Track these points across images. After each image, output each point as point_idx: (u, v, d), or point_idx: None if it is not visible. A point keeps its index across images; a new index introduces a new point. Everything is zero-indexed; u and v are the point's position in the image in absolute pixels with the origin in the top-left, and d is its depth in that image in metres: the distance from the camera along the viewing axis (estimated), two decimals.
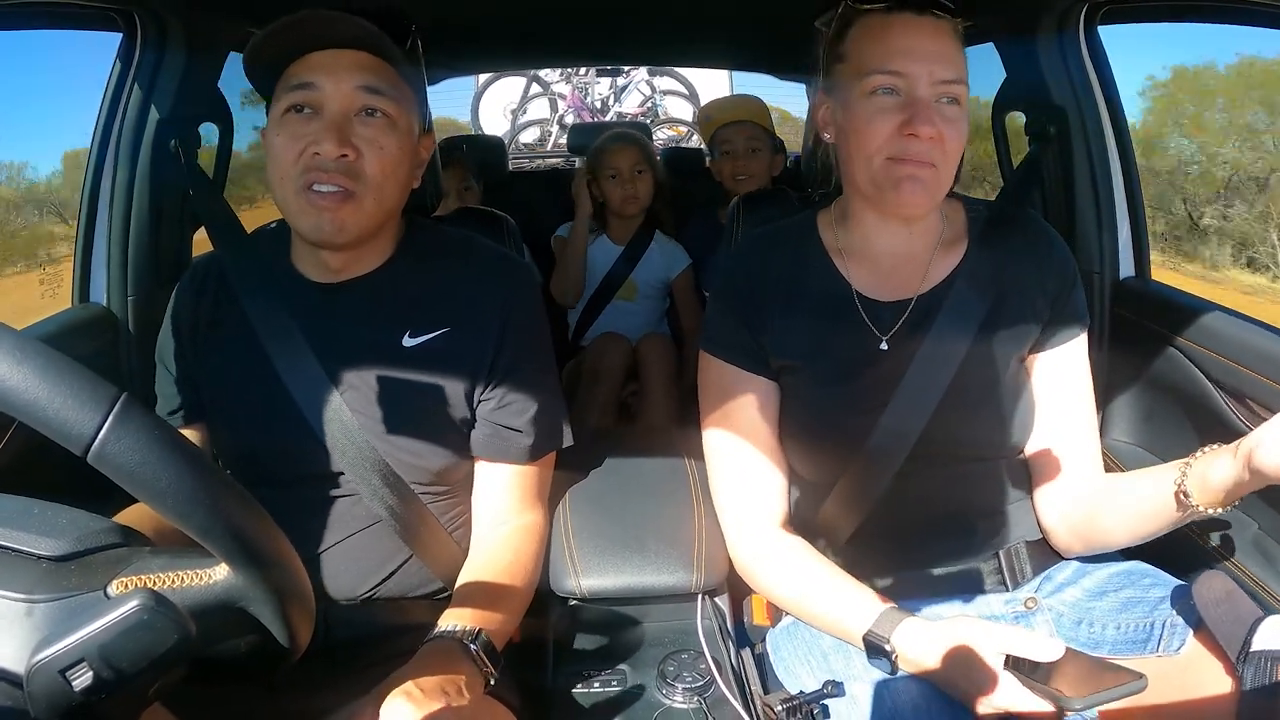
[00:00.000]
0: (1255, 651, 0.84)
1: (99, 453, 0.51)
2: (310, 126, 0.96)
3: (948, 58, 0.98)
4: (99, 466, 0.51)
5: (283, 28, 0.94)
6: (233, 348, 1.06)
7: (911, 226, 1.07)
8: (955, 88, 0.98)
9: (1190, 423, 1.36)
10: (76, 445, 0.50)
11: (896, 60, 0.97)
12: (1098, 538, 1.05)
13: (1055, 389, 1.08)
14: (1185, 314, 1.36)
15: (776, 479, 1.09)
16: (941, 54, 0.98)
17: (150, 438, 0.52)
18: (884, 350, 1.05)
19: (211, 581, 0.60)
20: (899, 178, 0.98)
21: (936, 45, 0.99)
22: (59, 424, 0.50)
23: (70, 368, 0.51)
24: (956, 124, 0.98)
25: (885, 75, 0.98)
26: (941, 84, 0.97)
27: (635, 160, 2.32)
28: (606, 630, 1.12)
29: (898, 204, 1.01)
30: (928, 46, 0.98)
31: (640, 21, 2.19)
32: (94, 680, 0.53)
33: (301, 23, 0.94)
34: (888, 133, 0.97)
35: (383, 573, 1.06)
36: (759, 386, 1.09)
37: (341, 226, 0.97)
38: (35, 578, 0.57)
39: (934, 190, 1.00)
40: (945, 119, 0.97)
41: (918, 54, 0.97)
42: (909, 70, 0.97)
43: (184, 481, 0.54)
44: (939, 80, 0.97)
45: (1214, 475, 0.87)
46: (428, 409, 1.04)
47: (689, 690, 0.99)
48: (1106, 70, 1.51)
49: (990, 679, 0.83)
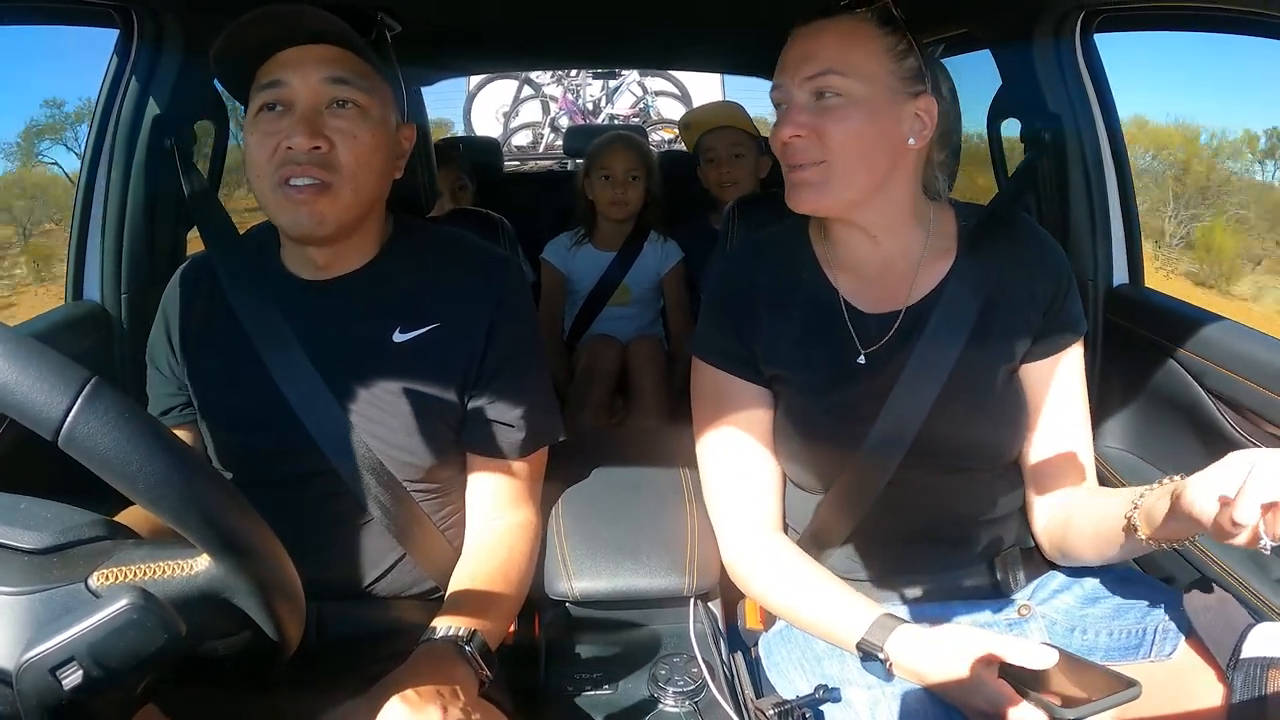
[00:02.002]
0: (1246, 659, 0.84)
1: (68, 435, 0.50)
2: (282, 122, 0.96)
3: (815, 54, 0.99)
4: (69, 450, 0.51)
5: (241, 27, 0.94)
6: (223, 346, 1.06)
7: (871, 233, 1.06)
8: (824, 79, 0.98)
9: (1184, 430, 1.36)
10: (46, 429, 0.50)
11: (776, 75, 1.01)
12: (1071, 552, 1.04)
13: (1047, 398, 1.07)
14: (1179, 321, 1.36)
15: (769, 485, 1.09)
16: (808, 54, 0.99)
17: (120, 420, 0.52)
18: (866, 364, 1.04)
19: (193, 572, 0.59)
20: (791, 183, 1.02)
21: (806, 47, 1.00)
22: (29, 407, 0.50)
23: (39, 351, 0.51)
24: (835, 114, 0.98)
25: (773, 91, 1.02)
26: (807, 80, 0.98)
27: (631, 165, 2.31)
28: (599, 633, 1.12)
29: (791, 207, 1.03)
30: (796, 52, 1.00)
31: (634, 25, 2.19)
32: (84, 679, 0.52)
33: (260, 20, 0.94)
34: (776, 142, 1.01)
35: (376, 571, 1.06)
36: (751, 393, 1.09)
37: (320, 219, 0.97)
38: (18, 570, 0.57)
39: (823, 190, 1.00)
40: (821, 112, 0.98)
41: (786, 63, 1.01)
42: (780, 81, 1.01)
43: (155, 464, 0.53)
44: (804, 78, 0.98)
45: (1157, 512, 0.84)
46: (419, 405, 1.04)
47: (681, 694, 0.98)
48: (1102, 78, 1.52)
49: (984, 688, 0.82)
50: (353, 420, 1.01)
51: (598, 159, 2.32)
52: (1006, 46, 1.60)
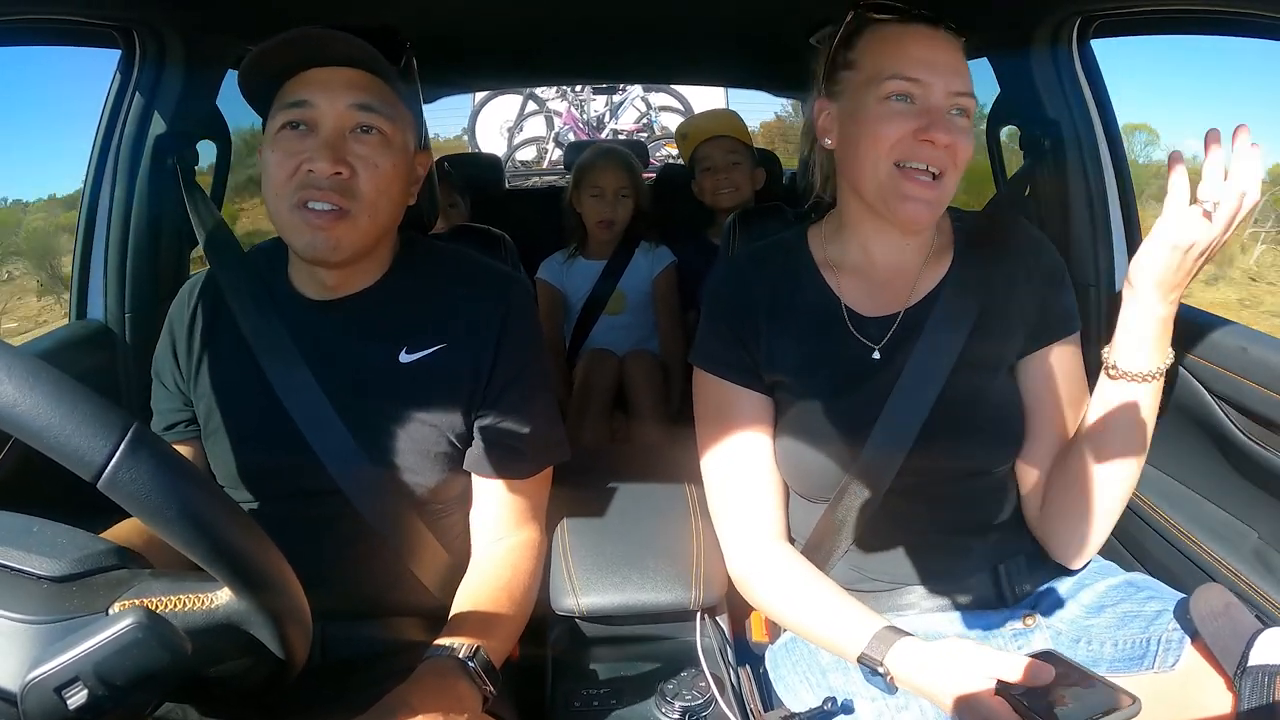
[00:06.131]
0: (1253, 666, 0.83)
1: (110, 480, 0.51)
2: (305, 143, 0.96)
3: (961, 71, 1.00)
4: (109, 493, 0.51)
5: (277, 46, 0.95)
6: (228, 364, 1.06)
7: (909, 238, 1.08)
8: (967, 100, 1.00)
9: (1192, 435, 1.36)
10: (87, 472, 0.51)
11: (915, 68, 0.98)
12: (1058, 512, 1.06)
13: (1045, 395, 1.07)
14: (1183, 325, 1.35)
15: (773, 494, 1.09)
16: (955, 67, 1.00)
17: (160, 467, 0.53)
18: (872, 365, 1.05)
19: (213, 605, 0.60)
20: (906, 195, 0.99)
21: (950, 58, 1.00)
22: (70, 451, 0.50)
23: (82, 394, 0.51)
24: (966, 134, 0.99)
25: (903, 81, 0.98)
26: (955, 95, 0.99)
27: (621, 184, 2.30)
28: (605, 649, 1.12)
29: (900, 217, 1.01)
30: (943, 58, 1.00)
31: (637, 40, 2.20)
32: (89, 698, 0.53)
33: (295, 41, 0.94)
34: (901, 136, 0.98)
35: (380, 590, 1.06)
36: (753, 402, 1.09)
37: (336, 244, 0.97)
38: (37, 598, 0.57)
39: (937, 206, 1.01)
40: (957, 129, 0.98)
41: (935, 65, 0.99)
42: (927, 79, 0.98)
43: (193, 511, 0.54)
44: (953, 91, 0.98)
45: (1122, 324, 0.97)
46: (424, 424, 1.04)
47: (688, 708, 0.98)
48: (1100, 83, 1.52)
49: (981, 706, 0.81)
50: (358, 439, 1.01)
51: (587, 175, 2.32)
52: (1004, 54, 1.60)
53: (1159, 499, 1.39)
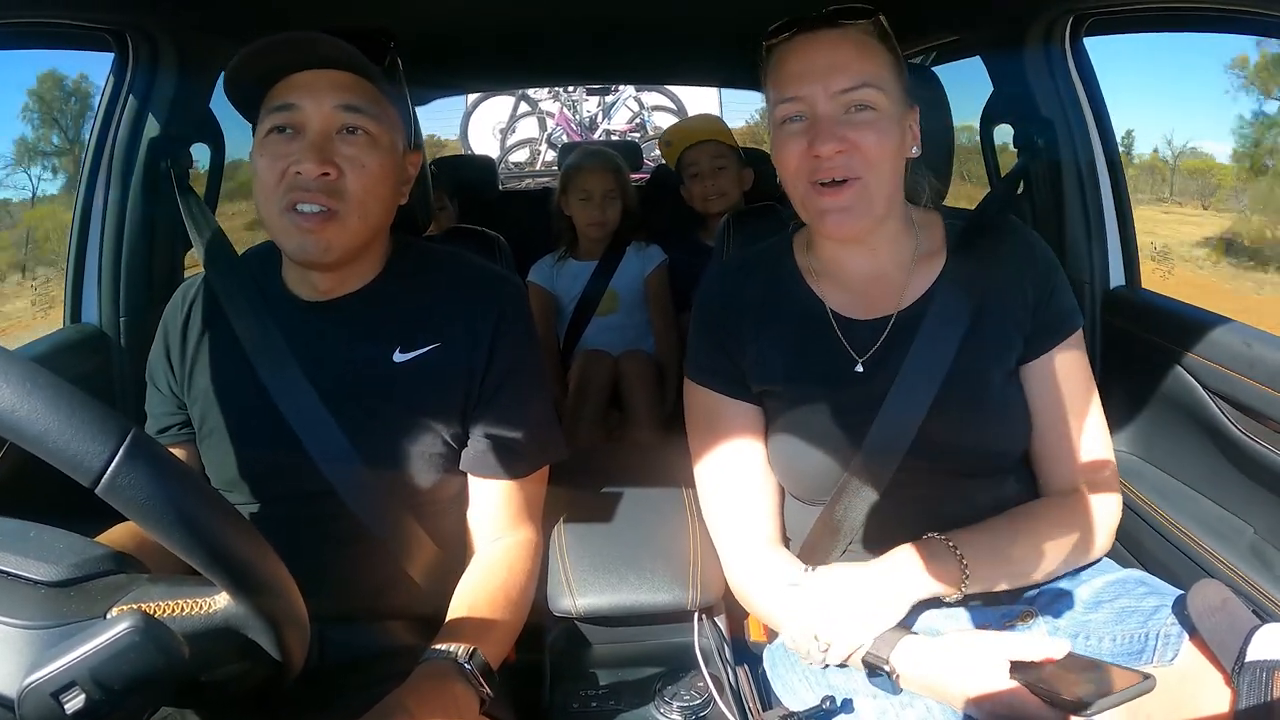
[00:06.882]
0: (1251, 662, 0.83)
1: (109, 486, 0.51)
2: (292, 146, 0.96)
3: (844, 66, 0.97)
4: (107, 499, 0.51)
5: (260, 50, 0.95)
6: (223, 367, 1.06)
7: (874, 246, 1.06)
8: (860, 93, 0.97)
9: (1185, 430, 1.36)
10: (85, 478, 0.50)
11: (792, 85, 0.98)
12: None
13: (1050, 396, 1.07)
14: (1176, 321, 1.37)
15: (768, 501, 1.09)
16: (836, 65, 0.97)
17: (159, 472, 0.53)
18: (861, 371, 1.04)
19: (211, 610, 0.60)
20: (822, 210, 0.99)
21: (829, 58, 0.98)
22: (69, 457, 0.50)
23: (80, 400, 0.51)
24: (871, 127, 0.97)
25: (789, 104, 0.99)
26: (841, 94, 0.97)
27: (608, 186, 2.30)
28: (603, 650, 1.11)
29: (827, 234, 1.01)
30: (821, 62, 0.98)
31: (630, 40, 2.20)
32: (86, 703, 0.52)
33: (278, 45, 0.95)
34: (797, 157, 0.98)
35: (376, 591, 1.05)
36: (743, 411, 1.09)
37: (327, 246, 0.97)
38: (34, 603, 0.57)
39: (861, 210, 0.99)
40: (855, 126, 0.96)
41: (810, 73, 0.98)
42: (804, 92, 0.97)
43: (191, 516, 0.54)
44: (837, 91, 0.97)
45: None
46: (419, 425, 1.03)
47: (687, 709, 0.98)
48: (1093, 81, 1.52)
49: (997, 688, 0.82)
50: (353, 440, 1.01)
51: (574, 179, 2.31)
52: (997, 53, 1.61)
53: (1156, 496, 1.39)
